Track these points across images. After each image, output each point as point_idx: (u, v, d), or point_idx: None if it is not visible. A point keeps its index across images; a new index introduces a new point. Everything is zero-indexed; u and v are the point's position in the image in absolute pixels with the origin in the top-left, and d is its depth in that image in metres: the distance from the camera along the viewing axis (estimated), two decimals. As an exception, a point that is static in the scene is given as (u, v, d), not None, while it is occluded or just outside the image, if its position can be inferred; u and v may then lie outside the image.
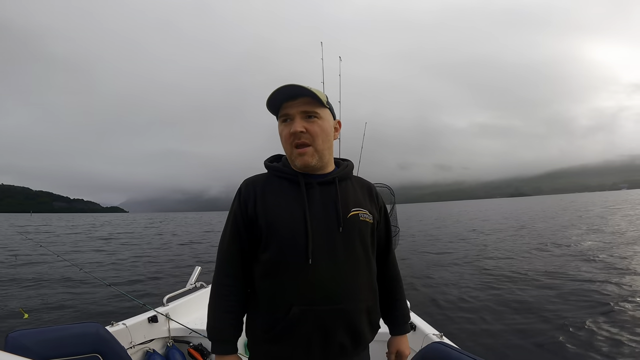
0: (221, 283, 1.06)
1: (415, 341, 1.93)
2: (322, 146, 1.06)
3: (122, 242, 17.61)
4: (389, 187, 3.25)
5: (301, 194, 1.04)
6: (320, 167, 1.09)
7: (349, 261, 1.02)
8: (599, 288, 5.86)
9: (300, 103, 1.03)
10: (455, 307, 5.28)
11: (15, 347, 1.19)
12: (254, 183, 1.10)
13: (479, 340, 3.98)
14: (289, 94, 1.03)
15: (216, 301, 1.06)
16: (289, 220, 1.01)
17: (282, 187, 1.08)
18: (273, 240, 1.01)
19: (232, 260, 1.07)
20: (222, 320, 1.04)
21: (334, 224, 1.02)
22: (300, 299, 0.97)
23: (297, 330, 0.97)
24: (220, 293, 1.06)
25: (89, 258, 11.69)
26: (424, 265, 8.83)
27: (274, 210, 1.03)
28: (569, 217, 24.16)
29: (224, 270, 1.07)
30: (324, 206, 1.04)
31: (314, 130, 1.04)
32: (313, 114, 1.04)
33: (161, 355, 2.11)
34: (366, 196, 1.16)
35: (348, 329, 1.00)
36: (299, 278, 0.98)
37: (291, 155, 1.06)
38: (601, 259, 8.36)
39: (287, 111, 1.04)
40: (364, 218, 1.07)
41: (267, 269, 1.02)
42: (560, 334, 4.07)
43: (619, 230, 14.37)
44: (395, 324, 1.22)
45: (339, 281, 0.99)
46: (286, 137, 1.05)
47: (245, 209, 1.06)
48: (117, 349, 1.41)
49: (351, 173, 1.18)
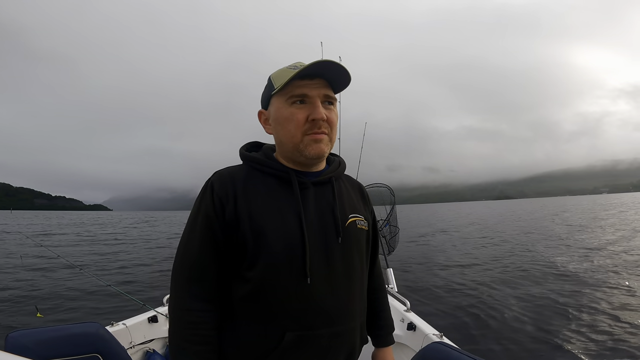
0: (188, 308, 0.81)
1: (415, 341, 1.93)
2: (334, 137, 0.91)
3: (118, 241, 17.59)
4: (389, 187, 3.25)
5: (295, 195, 0.86)
6: (318, 162, 0.93)
7: (346, 276, 0.88)
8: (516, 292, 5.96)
9: (320, 85, 0.86)
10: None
11: (15, 347, 1.19)
12: (232, 177, 0.88)
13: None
14: (311, 71, 0.84)
15: (185, 332, 0.80)
16: (281, 229, 0.82)
17: (268, 185, 0.88)
18: (262, 254, 0.81)
19: (204, 277, 0.83)
20: (199, 357, 0.79)
21: (332, 234, 0.86)
22: (294, 324, 0.81)
23: (292, 359, 0.82)
24: (191, 321, 0.80)
25: (88, 258, 11.68)
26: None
27: (261, 216, 0.83)
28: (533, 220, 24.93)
29: (191, 290, 0.82)
30: (320, 212, 0.88)
31: (332, 120, 0.88)
32: (332, 100, 0.89)
33: (161, 355, 2.11)
34: (359, 199, 1.02)
35: (345, 351, 0.88)
36: (294, 299, 0.81)
37: (300, 143, 0.86)
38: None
39: (305, 91, 0.85)
40: (361, 226, 0.94)
41: (253, 289, 0.81)
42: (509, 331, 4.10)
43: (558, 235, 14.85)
44: (379, 336, 1.08)
45: (338, 300, 0.85)
46: (299, 123, 0.85)
47: (221, 211, 0.83)
48: (117, 349, 1.41)
49: (344, 172, 1.02)
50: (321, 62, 0.83)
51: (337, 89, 0.90)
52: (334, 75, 0.87)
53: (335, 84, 0.89)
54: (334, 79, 0.87)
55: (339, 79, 0.88)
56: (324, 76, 0.86)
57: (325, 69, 0.85)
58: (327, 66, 0.84)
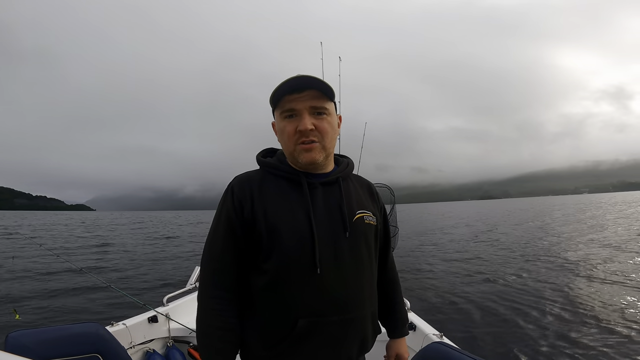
0: (214, 296, 0.93)
1: (415, 341, 1.93)
2: (329, 144, 0.98)
3: (114, 241, 17.59)
4: (389, 187, 3.25)
5: (304, 195, 0.95)
6: (324, 165, 1.01)
7: (355, 267, 0.96)
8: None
9: (308, 97, 0.93)
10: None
11: (15, 347, 1.19)
12: (249, 181, 0.99)
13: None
14: (296, 86, 0.93)
15: (210, 318, 0.91)
16: (293, 226, 0.92)
17: (281, 187, 0.98)
18: (276, 248, 0.92)
19: (226, 269, 0.94)
20: (222, 340, 0.90)
21: (340, 229, 0.95)
22: (306, 311, 0.89)
23: (306, 344, 0.90)
24: (214, 308, 0.92)
25: (87, 258, 11.68)
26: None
27: (275, 214, 0.93)
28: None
29: (217, 281, 0.94)
30: (328, 209, 0.97)
31: (323, 128, 0.95)
32: (322, 110, 0.95)
33: (161, 355, 2.12)
34: (368, 196, 1.10)
35: (357, 338, 0.96)
36: (306, 289, 0.90)
37: (294, 152, 0.96)
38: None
39: (293, 105, 0.94)
40: (368, 221, 1.01)
41: (269, 280, 0.92)
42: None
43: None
44: (394, 327, 1.17)
45: (347, 289, 0.93)
46: (290, 134, 0.95)
47: (240, 211, 0.94)
48: (117, 349, 1.41)
49: (352, 172, 1.11)
50: (286, 82, 0.93)
51: (329, 95, 0.97)
52: (317, 85, 0.94)
53: (326, 92, 0.96)
54: (321, 88, 0.94)
55: (324, 88, 0.95)
56: (312, 87, 0.93)
57: (306, 83, 0.93)
58: (305, 81, 0.93)
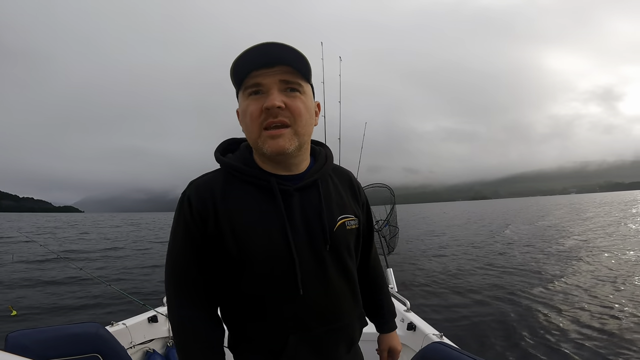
0: (188, 316, 0.82)
1: (415, 341, 1.93)
2: (303, 130, 0.80)
3: (114, 241, 17.58)
4: (389, 188, 3.25)
5: (277, 207, 0.81)
6: (297, 159, 0.85)
7: (339, 279, 0.88)
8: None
9: (279, 71, 0.76)
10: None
11: (15, 347, 1.19)
12: (209, 188, 0.82)
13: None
14: (265, 57, 0.74)
15: (179, 336, 0.82)
16: (267, 248, 0.79)
17: (249, 194, 0.82)
18: (250, 270, 0.80)
19: (191, 287, 0.82)
20: (193, 355, 0.80)
21: (320, 242, 0.84)
22: (295, 328, 0.83)
23: (299, 357, 0.85)
24: (190, 328, 0.81)
25: (86, 258, 11.68)
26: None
27: (244, 232, 0.79)
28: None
29: (180, 300, 0.83)
30: (306, 220, 0.83)
31: (296, 108, 0.77)
32: (296, 86, 0.78)
33: (161, 355, 2.12)
34: (349, 193, 0.96)
35: (345, 341, 0.93)
36: (291, 307, 0.82)
37: (258, 139, 0.78)
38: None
39: (259, 80, 0.76)
40: (350, 226, 0.90)
41: (249, 305, 0.83)
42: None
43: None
44: (383, 322, 1.13)
45: (333, 301, 0.87)
46: (254, 115, 0.76)
47: (202, 225, 0.79)
48: (117, 349, 1.41)
49: (331, 167, 0.94)
50: (250, 50, 0.73)
51: (304, 73, 0.79)
52: (292, 60, 0.76)
53: (303, 71, 0.78)
54: (296, 64, 0.77)
55: (300, 64, 0.77)
56: (284, 62, 0.76)
57: (279, 55, 0.75)
58: (277, 52, 0.74)
